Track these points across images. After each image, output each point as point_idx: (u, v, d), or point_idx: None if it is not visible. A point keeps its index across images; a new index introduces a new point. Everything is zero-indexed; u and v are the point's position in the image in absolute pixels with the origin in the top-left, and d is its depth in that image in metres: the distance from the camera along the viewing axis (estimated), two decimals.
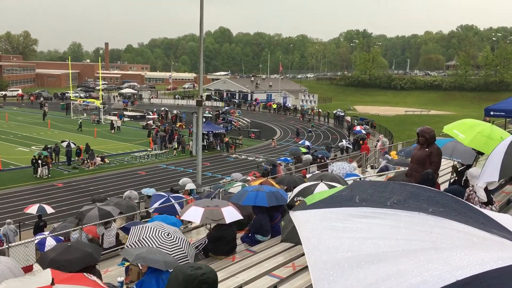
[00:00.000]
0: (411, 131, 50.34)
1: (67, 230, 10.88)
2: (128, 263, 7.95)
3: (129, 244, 7.23)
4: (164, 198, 14.68)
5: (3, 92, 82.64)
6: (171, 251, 6.98)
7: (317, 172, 18.35)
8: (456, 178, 9.06)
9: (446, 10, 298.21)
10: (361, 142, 35.13)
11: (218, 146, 42.89)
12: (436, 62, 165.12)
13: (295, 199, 9.74)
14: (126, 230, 10.18)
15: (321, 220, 2.65)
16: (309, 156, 27.94)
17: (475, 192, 6.43)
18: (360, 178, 13.28)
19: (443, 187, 9.11)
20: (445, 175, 12.18)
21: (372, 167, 24.10)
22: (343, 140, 42.38)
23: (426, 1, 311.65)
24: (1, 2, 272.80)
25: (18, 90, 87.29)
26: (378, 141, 32.02)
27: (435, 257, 2.31)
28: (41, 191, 27.60)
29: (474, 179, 6.73)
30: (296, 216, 2.90)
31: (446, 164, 12.20)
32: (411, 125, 56.84)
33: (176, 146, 40.52)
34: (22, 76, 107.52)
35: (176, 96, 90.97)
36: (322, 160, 24.32)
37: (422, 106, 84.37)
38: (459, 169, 9.18)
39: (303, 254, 7.85)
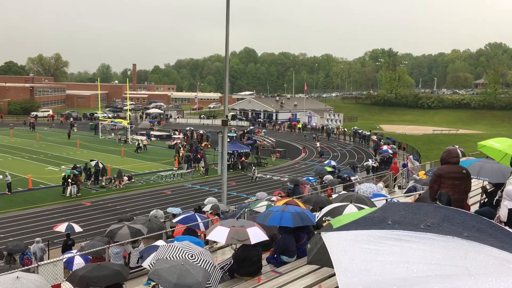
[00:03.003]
0: (439, 150, 49.39)
1: (96, 249, 10.98)
2: (154, 283, 7.96)
3: (153, 262, 7.25)
4: (189, 214, 14.81)
5: (35, 113, 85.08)
6: None
7: (343, 192, 18.13)
8: (486, 199, 8.83)
9: (473, 28, 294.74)
10: (394, 159, 34.60)
11: (239, 166, 42.91)
12: (464, 81, 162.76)
13: (323, 219, 9.62)
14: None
15: (353, 241, 2.60)
16: (329, 176, 27.73)
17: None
18: (387, 199, 13.04)
19: (473, 208, 8.87)
20: (474, 197, 11.87)
21: (399, 187, 23.70)
22: (369, 160, 41.88)
23: (452, 19, 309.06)
24: (34, 26, 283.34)
25: (49, 111, 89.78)
26: (407, 161, 31.50)
27: (470, 283, 2.23)
28: (69, 210, 28.05)
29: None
30: (328, 237, 2.85)
31: (475, 185, 11.89)
32: (439, 144, 55.87)
33: (202, 167, 40.66)
34: (53, 97, 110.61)
35: (202, 116, 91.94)
36: (348, 180, 24.05)
37: (451, 125, 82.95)
38: (488, 190, 8.95)
39: (330, 276, 7.73)
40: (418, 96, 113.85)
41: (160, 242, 10.05)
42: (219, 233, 8.52)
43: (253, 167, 39.08)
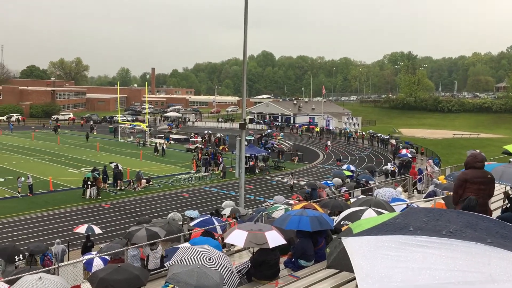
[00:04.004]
0: (460, 154, 48.71)
1: (115, 251, 11.08)
2: (172, 286, 8.00)
3: (172, 262, 7.30)
4: (206, 217, 14.86)
5: (55, 116, 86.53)
6: None
7: (361, 196, 17.97)
8: (509, 204, 8.67)
9: (495, 31, 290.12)
10: (413, 163, 34.14)
11: (257, 169, 42.94)
12: (485, 84, 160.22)
13: (341, 223, 9.56)
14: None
15: (374, 247, 2.57)
16: (338, 180, 27.53)
17: None
18: (408, 204, 12.88)
19: (495, 214, 8.72)
20: (496, 202, 11.66)
21: (419, 192, 23.42)
22: (388, 164, 41.47)
23: (473, 22, 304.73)
24: (56, 30, 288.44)
25: (70, 114, 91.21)
26: (426, 165, 31.11)
27: None
28: (89, 212, 28.41)
29: None
30: (348, 242, 2.82)
31: (497, 190, 11.69)
32: (460, 148, 55.05)
33: (219, 170, 40.79)
34: (73, 100, 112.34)
35: (220, 119, 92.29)
36: (366, 184, 23.84)
37: (471, 129, 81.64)
38: (511, 195, 8.78)
39: (349, 281, 7.67)
40: (438, 100, 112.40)
41: (185, 244, 10.09)
42: (237, 237, 8.52)
43: (291, 175, 37.19)
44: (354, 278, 7.63)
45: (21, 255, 14.19)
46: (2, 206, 28.74)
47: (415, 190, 24.03)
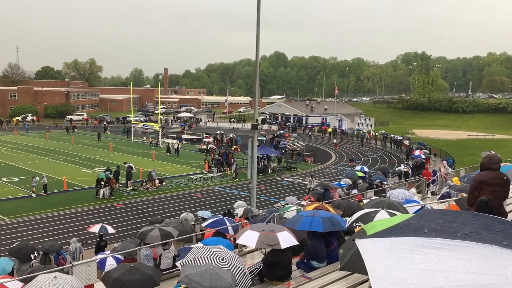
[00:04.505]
0: (474, 156, 48.18)
1: (128, 250, 11.15)
2: (184, 286, 8.02)
3: (185, 261, 7.33)
4: (218, 218, 14.89)
5: (69, 116, 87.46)
6: None
7: (374, 197, 17.86)
8: None
9: (510, 31, 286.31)
10: (427, 164, 33.87)
11: (269, 170, 43.00)
12: (501, 84, 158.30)
13: (354, 225, 9.50)
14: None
15: (388, 249, 2.54)
16: (348, 180, 27.42)
17: None
18: (422, 206, 12.77)
19: (510, 216, 8.60)
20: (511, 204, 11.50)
21: (432, 193, 23.20)
22: (401, 165, 41.16)
23: (488, 21, 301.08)
24: (70, 32, 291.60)
25: (84, 114, 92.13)
26: (440, 166, 30.82)
27: None
28: (102, 212, 28.65)
29: None
30: (362, 244, 2.80)
31: None
32: (475, 149, 54.43)
33: (232, 171, 40.82)
34: (87, 101, 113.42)
35: (232, 120, 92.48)
36: (380, 185, 23.70)
37: (486, 130, 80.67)
38: None
39: (361, 283, 7.62)
40: (452, 100, 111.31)
41: (198, 245, 10.13)
42: (249, 237, 8.52)
43: (311, 177, 35.74)
44: (367, 280, 7.58)
45: (35, 252, 14.38)
46: (17, 206, 29.13)
47: (428, 192, 23.80)
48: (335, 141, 62.55)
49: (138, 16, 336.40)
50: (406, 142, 57.06)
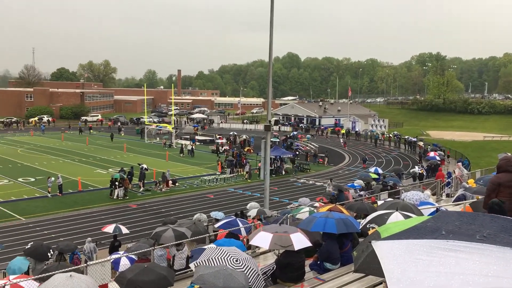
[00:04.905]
0: (490, 157, 47.56)
1: (142, 251, 11.21)
2: (197, 286, 8.03)
3: (199, 262, 7.35)
4: (231, 219, 14.91)
5: (84, 118, 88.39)
6: None
7: (388, 199, 17.73)
8: None
9: None
10: (441, 166, 33.49)
11: (282, 171, 43.00)
12: None
13: (367, 226, 9.43)
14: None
15: (405, 252, 2.52)
16: (361, 182, 27.22)
17: None
18: (437, 208, 12.63)
19: None
20: None
21: (447, 195, 22.94)
22: (416, 167, 40.79)
23: (504, 22, 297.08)
24: (85, 34, 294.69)
25: (98, 116, 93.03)
26: (455, 168, 30.48)
27: None
28: (116, 212, 28.87)
29: None
30: (378, 246, 2.77)
31: None
32: (491, 151, 53.71)
33: (245, 172, 40.81)
34: (101, 102, 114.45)
35: (245, 121, 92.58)
36: (394, 187, 23.51)
37: (502, 132, 79.55)
38: None
39: (375, 285, 7.55)
40: (467, 102, 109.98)
41: (211, 245, 10.15)
42: (262, 239, 8.50)
43: (330, 181, 33.90)
44: (381, 283, 7.52)
45: (51, 250, 14.54)
46: (33, 206, 29.49)
47: (443, 194, 23.55)
48: (341, 140, 62.56)
49: (152, 18, 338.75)
50: (421, 143, 56.51)
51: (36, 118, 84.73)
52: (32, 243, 16.27)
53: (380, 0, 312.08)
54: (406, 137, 63.20)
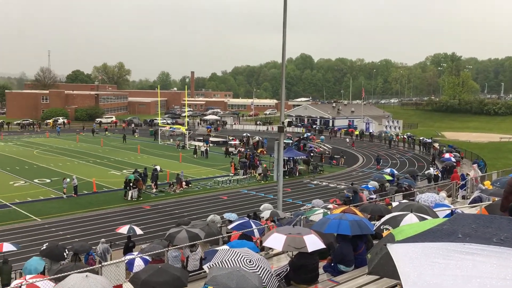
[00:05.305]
0: (507, 159, 46.94)
1: (156, 252, 11.27)
2: (211, 287, 8.05)
3: (212, 264, 7.36)
4: (244, 220, 14.91)
5: (99, 119, 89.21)
6: None
7: (403, 201, 17.56)
8: None
9: None
10: (456, 168, 33.09)
11: (297, 172, 42.94)
12: None
13: (381, 228, 9.36)
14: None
15: (421, 255, 2.49)
16: (375, 183, 27.01)
17: None
18: (452, 210, 12.48)
19: None
20: None
21: (463, 197, 22.65)
22: (431, 168, 40.38)
23: None
24: (100, 36, 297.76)
25: (112, 117, 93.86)
26: (470, 169, 30.10)
27: None
28: (130, 213, 29.06)
29: None
30: (394, 249, 2.74)
31: None
32: (507, 152, 53.01)
33: (259, 173, 40.75)
34: (116, 104, 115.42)
35: (258, 122, 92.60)
36: (408, 189, 23.30)
37: None
38: None
39: None
40: (483, 102, 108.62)
41: (224, 247, 10.17)
42: (276, 240, 8.49)
43: (351, 184, 33.36)
44: (395, 285, 7.45)
45: (66, 251, 14.70)
46: (48, 206, 29.83)
47: (458, 196, 23.26)
48: (347, 139, 62.22)
49: (165, 20, 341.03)
50: (436, 145, 55.90)
51: (51, 120, 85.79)
52: (47, 243, 16.46)
53: (394, 0, 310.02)
54: (421, 138, 62.59)
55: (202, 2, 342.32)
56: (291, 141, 59.03)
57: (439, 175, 36.39)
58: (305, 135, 68.44)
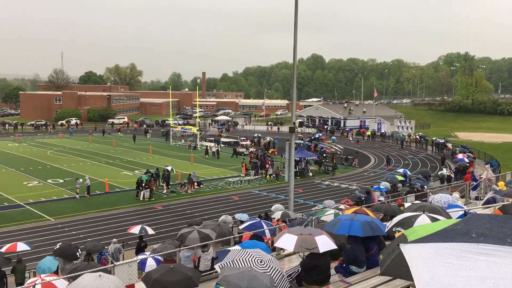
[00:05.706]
0: None
1: (168, 251, 11.32)
2: (223, 287, 8.06)
3: (224, 264, 7.37)
4: (255, 221, 14.92)
5: (111, 120, 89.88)
6: None
7: (416, 202, 17.43)
8: None
9: None
10: (469, 169, 32.76)
11: (310, 172, 42.88)
12: None
13: (393, 229, 9.30)
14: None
15: (435, 255, 2.46)
16: (387, 184, 26.81)
17: None
18: (465, 211, 12.36)
19: None
20: None
21: (476, 198, 22.43)
22: (444, 169, 40.00)
23: None
24: (112, 38, 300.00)
25: (124, 118, 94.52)
26: (484, 170, 29.77)
27: None
28: (142, 213, 29.23)
29: None
30: (407, 250, 2.72)
31: None
32: None
33: (269, 174, 40.69)
34: (128, 105, 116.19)
35: (269, 123, 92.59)
36: (421, 190, 23.11)
37: None
38: None
39: None
40: (497, 102, 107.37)
41: (236, 247, 10.19)
42: (287, 241, 8.48)
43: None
44: (408, 287, 7.40)
45: (79, 250, 14.84)
46: (61, 206, 30.13)
47: (472, 196, 23.02)
48: (351, 139, 61.77)
49: (177, 21, 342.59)
50: (449, 145, 55.35)
51: (64, 121, 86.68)
52: (60, 243, 16.63)
53: (406, 1, 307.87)
54: (434, 138, 62.04)
55: (214, 3, 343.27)
56: (302, 142, 58.88)
57: (452, 175, 36.04)
58: (316, 135, 68.25)
